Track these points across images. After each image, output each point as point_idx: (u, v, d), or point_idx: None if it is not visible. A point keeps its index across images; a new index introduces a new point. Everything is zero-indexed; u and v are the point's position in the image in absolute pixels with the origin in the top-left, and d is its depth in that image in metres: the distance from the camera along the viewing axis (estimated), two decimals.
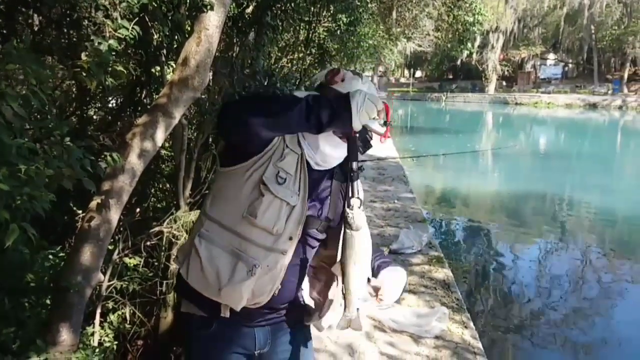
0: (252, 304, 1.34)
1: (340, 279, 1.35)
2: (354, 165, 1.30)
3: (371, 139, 1.38)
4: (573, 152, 18.58)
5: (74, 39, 2.75)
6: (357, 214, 1.28)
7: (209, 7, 2.15)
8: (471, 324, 3.52)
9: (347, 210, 1.29)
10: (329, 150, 1.35)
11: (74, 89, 3.27)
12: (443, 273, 4.43)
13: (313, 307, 1.50)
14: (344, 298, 1.34)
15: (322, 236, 1.45)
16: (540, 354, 4.26)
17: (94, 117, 3.48)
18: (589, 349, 4.35)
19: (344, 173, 1.36)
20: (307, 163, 1.36)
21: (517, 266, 6.48)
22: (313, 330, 3.33)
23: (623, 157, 18.27)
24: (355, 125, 1.19)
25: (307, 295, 1.52)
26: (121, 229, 2.97)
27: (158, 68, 3.39)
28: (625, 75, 41.37)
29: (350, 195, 1.30)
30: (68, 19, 2.65)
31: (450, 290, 4.05)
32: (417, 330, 3.28)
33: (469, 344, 3.20)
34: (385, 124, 1.30)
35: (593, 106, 38.06)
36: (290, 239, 1.33)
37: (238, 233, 1.32)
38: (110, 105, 3.60)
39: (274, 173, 1.30)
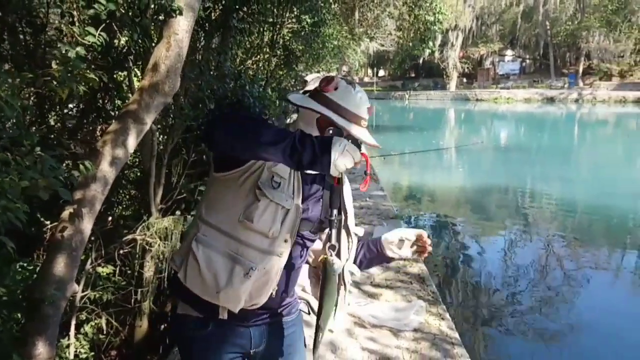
0: (249, 306, 1.37)
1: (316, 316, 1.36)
2: (334, 212, 1.32)
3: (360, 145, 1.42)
4: (533, 145, 19.19)
5: (31, 45, 2.68)
6: (337, 260, 1.30)
7: (177, 12, 2.14)
8: (447, 315, 3.61)
9: (328, 253, 1.31)
10: None
11: (32, 97, 3.18)
12: (417, 267, 4.52)
13: (311, 302, 1.53)
14: (316, 328, 1.34)
15: (315, 237, 1.48)
16: (510, 341, 4.39)
17: (55, 125, 3.39)
18: (556, 335, 4.50)
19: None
20: None
21: (485, 258, 6.66)
22: None
23: (580, 148, 18.99)
24: (333, 172, 1.19)
25: (308, 291, 1.54)
26: (93, 238, 2.92)
27: (122, 74, 3.35)
28: (580, 69, 42.97)
29: (330, 242, 1.32)
30: (24, 25, 2.58)
31: (425, 284, 4.14)
32: (396, 324, 3.35)
33: (447, 335, 3.29)
34: (365, 173, 1.32)
35: (550, 100, 39.38)
36: (286, 241, 1.36)
37: (235, 237, 1.33)
38: (69, 112, 3.49)
39: (268, 177, 1.32)
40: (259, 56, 6.40)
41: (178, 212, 3.71)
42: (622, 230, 7.90)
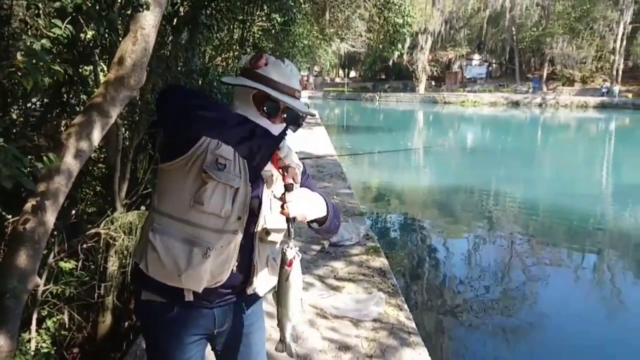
0: (213, 284, 1.42)
1: (276, 307, 1.41)
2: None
3: (303, 119, 1.50)
4: (498, 147, 19.70)
5: None
6: (290, 251, 1.36)
7: (144, 6, 2.17)
8: (405, 306, 3.73)
9: (284, 249, 1.36)
10: (273, 131, 1.41)
11: None
12: (380, 262, 4.64)
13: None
14: (280, 326, 1.42)
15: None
16: (470, 335, 4.54)
17: (18, 119, 3.34)
18: (515, 330, 4.65)
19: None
20: None
21: (449, 255, 6.84)
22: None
23: (543, 151, 19.58)
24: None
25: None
26: (56, 232, 2.90)
27: (88, 68, 3.33)
28: (544, 74, 44.28)
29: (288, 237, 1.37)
30: None
31: (386, 277, 4.26)
32: (356, 314, 3.45)
33: (404, 325, 3.41)
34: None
35: (515, 104, 40.43)
36: (239, 218, 1.42)
37: (189, 221, 1.39)
38: (32, 106, 3.44)
39: (213, 160, 1.37)
40: (228, 53, 6.41)
41: (143, 207, 3.71)
42: (581, 231, 8.19)
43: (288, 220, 1.37)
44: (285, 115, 1.47)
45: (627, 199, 10.57)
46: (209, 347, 1.64)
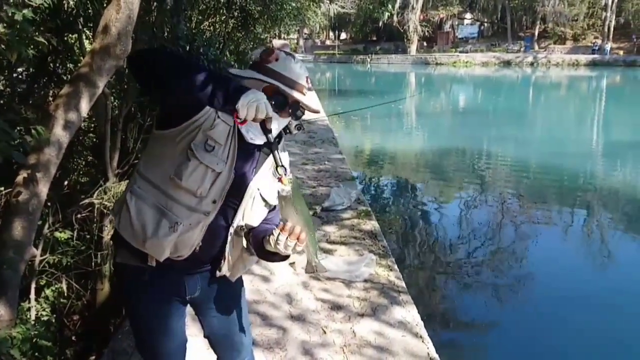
0: (175, 257, 1.46)
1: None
2: (270, 137, 1.38)
3: (302, 112, 1.52)
4: (490, 108, 19.72)
5: None
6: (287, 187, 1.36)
7: None
8: (395, 267, 3.83)
9: (279, 171, 1.36)
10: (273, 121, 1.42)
11: None
12: (371, 225, 4.71)
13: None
14: (306, 250, 1.43)
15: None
16: (461, 293, 4.68)
17: (5, 90, 3.31)
18: (507, 287, 4.77)
19: (269, 146, 1.42)
20: (241, 135, 1.45)
21: (439, 216, 6.94)
22: (254, 284, 3.48)
23: (535, 110, 19.60)
24: (240, 114, 1.25)
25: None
26: (49, 203, 2.93)
27: (73, 36, 3.28)
28: (536, 33, 43.80)
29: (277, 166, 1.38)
30: None
31: (377, 240, 4.35)
32: (348, 276, 3.54)
33: (394, 284, 3.51)
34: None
35: (507, 63, 40.13)
36: (214, 202, 1.44)
37: (165, 192, 1.42)
38: (19, 76, 3.40)
39: (202, 140, 1.39)
40: (215, 18, 6.29)
41: None
42: (571, 189, 8.30)
43: None
44: (291, 110, 1.48)
45: (617, 157, 10.71)
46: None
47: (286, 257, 1.48)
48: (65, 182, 3.44)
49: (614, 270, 5.29)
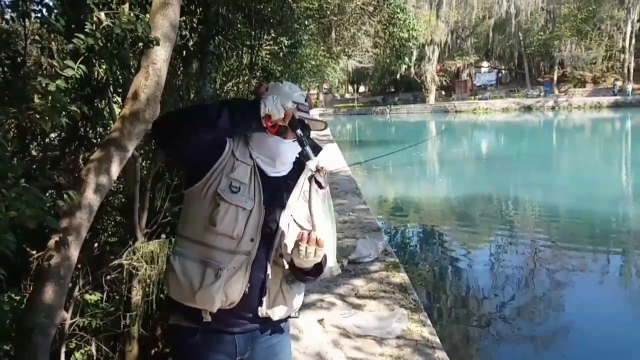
0: (227, 305, 1.47)
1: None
2: (298, 131, 1.47)
3: (308, 128, 1.57)
4: (513, 153, 19.54)
5: (9, 77, 2.74)
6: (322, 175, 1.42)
7: (154, 42, 2.24)
8: (428, 321, 3.71)
9: (310, 166, 1.41)
10: (287, 148, 1.53)
11: (13, 129, 3.23)
12: (400, 277, 4.61)
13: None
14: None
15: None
16: (497, 346, 4.48)
17: (38, 155, 3.44)
18: (543, 339, 4.57)
19: (300, 140, 1.50)
20: (263, 172, 1.53)
21: (471, 266, 6.77)
22: None
23: (560, 153, 19.36)
24: (273, 116, 1.42)
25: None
26: (80, 265, 2.96)
27: (103, 102, 3.41)
28: (555, 77, 43.97)
29: (307, 157, 1.44)
30: (3, 57, 2.65)
31: (407, 293, 4.24)
32: (379, 332, 3.44)
33: (428, 340, 3.39)
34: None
35: (528, 108, 40.13)
36: (252, 240, 1.48)
37: (204, 243, 1.47)
38: (51, 142, 3.54)
39: (227, 184, 1.47)
40: (238, 78, 6.51)
41: (163, 236, 3.75)
42: (604, 233, 8.03)
43: None
44: (291, 125, 1.54)
45: None
46: None
47: (319, 271, 1.51)
48: (95, 244, 3.48)
49: None
